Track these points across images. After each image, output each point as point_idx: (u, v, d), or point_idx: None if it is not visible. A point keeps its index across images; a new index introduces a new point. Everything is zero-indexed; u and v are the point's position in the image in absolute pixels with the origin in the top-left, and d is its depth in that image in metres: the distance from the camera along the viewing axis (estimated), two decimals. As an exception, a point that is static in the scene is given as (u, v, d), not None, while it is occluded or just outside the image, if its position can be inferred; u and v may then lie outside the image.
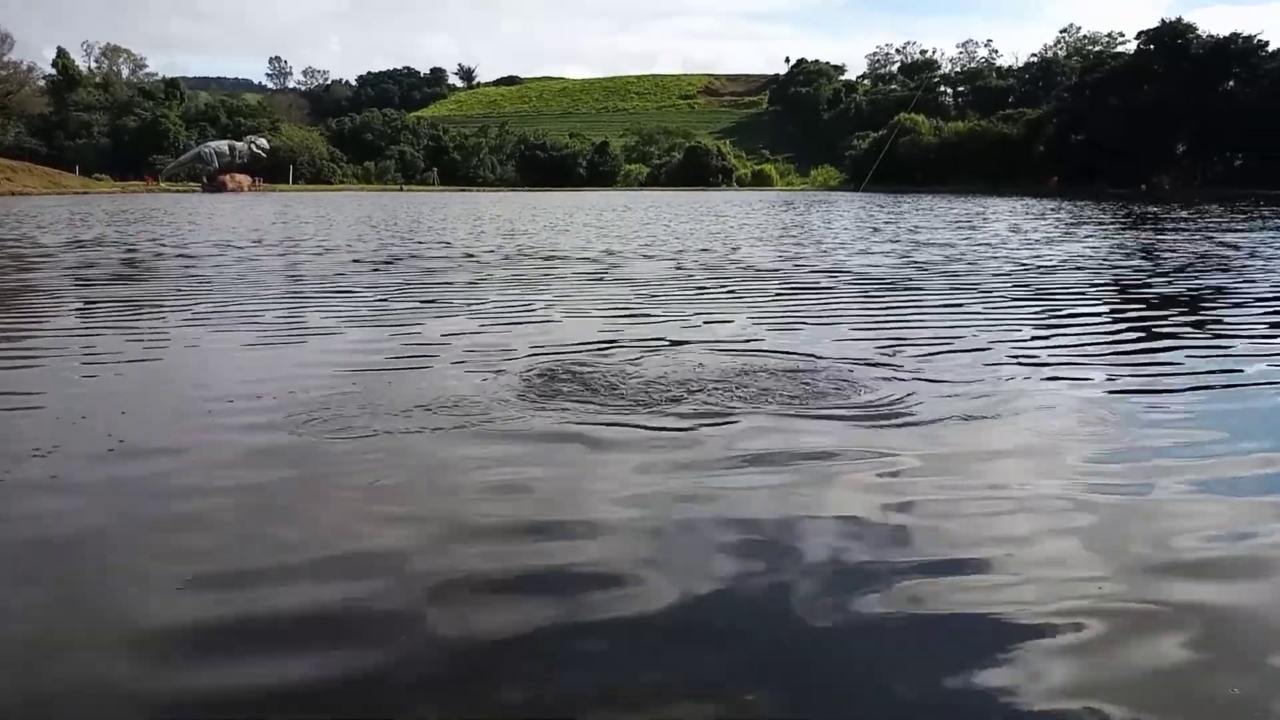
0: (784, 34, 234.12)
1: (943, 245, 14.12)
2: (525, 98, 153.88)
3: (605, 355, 5.01)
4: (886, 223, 21.97)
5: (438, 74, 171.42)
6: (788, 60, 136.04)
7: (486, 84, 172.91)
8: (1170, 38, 60.31)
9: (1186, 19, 61.59)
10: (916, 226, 19.94)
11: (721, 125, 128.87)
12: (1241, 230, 18.05)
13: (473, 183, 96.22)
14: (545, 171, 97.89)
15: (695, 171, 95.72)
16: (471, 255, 12.85)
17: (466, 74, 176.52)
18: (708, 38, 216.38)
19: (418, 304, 7.66)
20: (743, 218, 25.44)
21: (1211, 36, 59.59)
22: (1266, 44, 57.87)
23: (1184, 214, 25.53)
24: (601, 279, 9.68)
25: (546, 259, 12.13)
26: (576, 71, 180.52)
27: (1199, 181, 56.59)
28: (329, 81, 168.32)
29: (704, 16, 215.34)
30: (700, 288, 8.84)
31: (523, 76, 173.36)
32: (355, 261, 11.75)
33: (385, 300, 7.84)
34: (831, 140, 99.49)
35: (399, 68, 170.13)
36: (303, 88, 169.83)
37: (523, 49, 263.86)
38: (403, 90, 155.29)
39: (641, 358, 4.89)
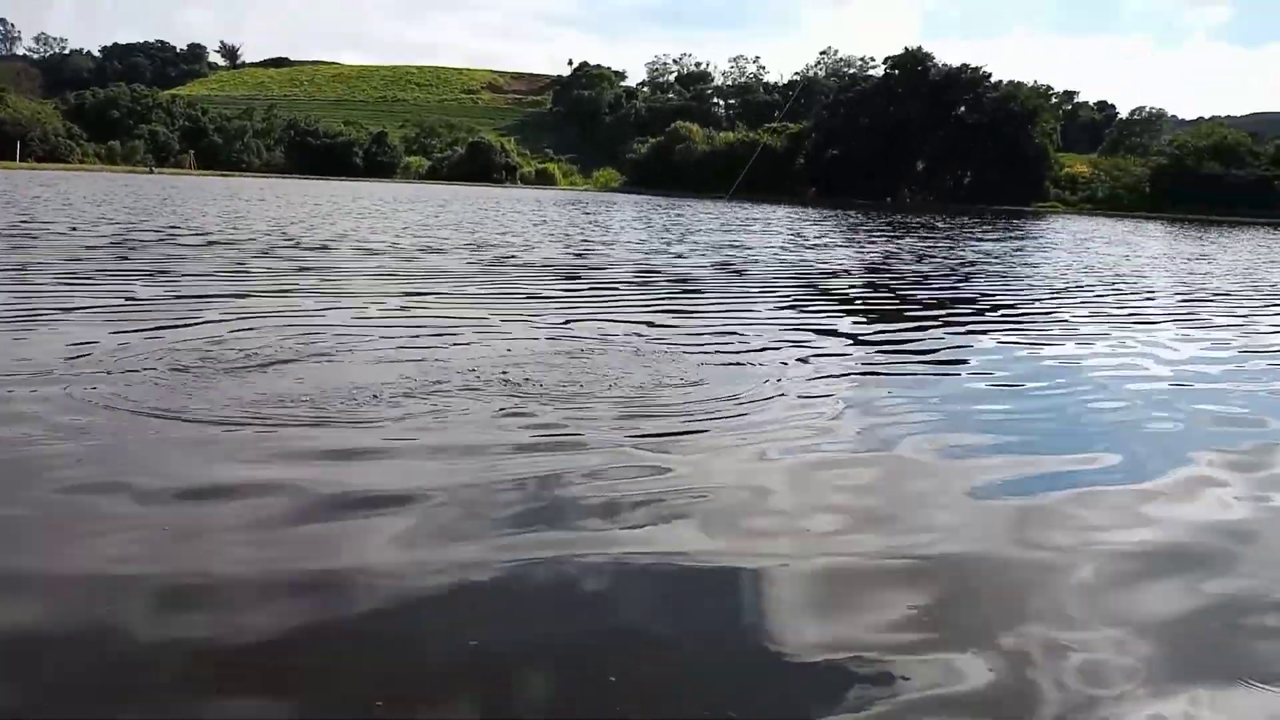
0: (568, 36, 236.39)
1: (733, 246, 14.92)
2: (296, 81, 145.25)
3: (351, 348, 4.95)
4: (674, 224, 22.86)
5: (196, 50, 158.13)
6: (570, 63, 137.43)
7: (252, 64, 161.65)
8: (913, 64, 66.80)
9: (927, 48, 68.55)
10: (703, 229, 20.89)
11: (505, 122, 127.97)
12: (993, 239, 20.40)
13: (235, 167, 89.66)
14: (318, 159, 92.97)
15: (478, 167, 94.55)
16: (223, 243, 12.13)
17: (230, 52, 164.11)
18: (493, 34, 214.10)
19: (162, 295, 7.17)
20: (535, 215, 25.52)
21: (946, 65, 66.63)
22: (990, 75, 65.60)
23: (940, 224, 28.44)
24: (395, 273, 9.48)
25: (322, 249, 11.61)
26: (353, 57, 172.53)
27: (934, 196, 62.98)
28: (67, 51, 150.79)
29: (490, 11, 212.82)
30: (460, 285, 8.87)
31: (293, 59, 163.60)
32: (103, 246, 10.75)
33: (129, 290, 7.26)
34: (612, 143, 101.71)
35: (151, 41, 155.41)
36: (35, 55, 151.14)
37: (293, 30, 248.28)
38: (155, 66, 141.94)
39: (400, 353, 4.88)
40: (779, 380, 4.25)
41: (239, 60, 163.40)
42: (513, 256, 10.98)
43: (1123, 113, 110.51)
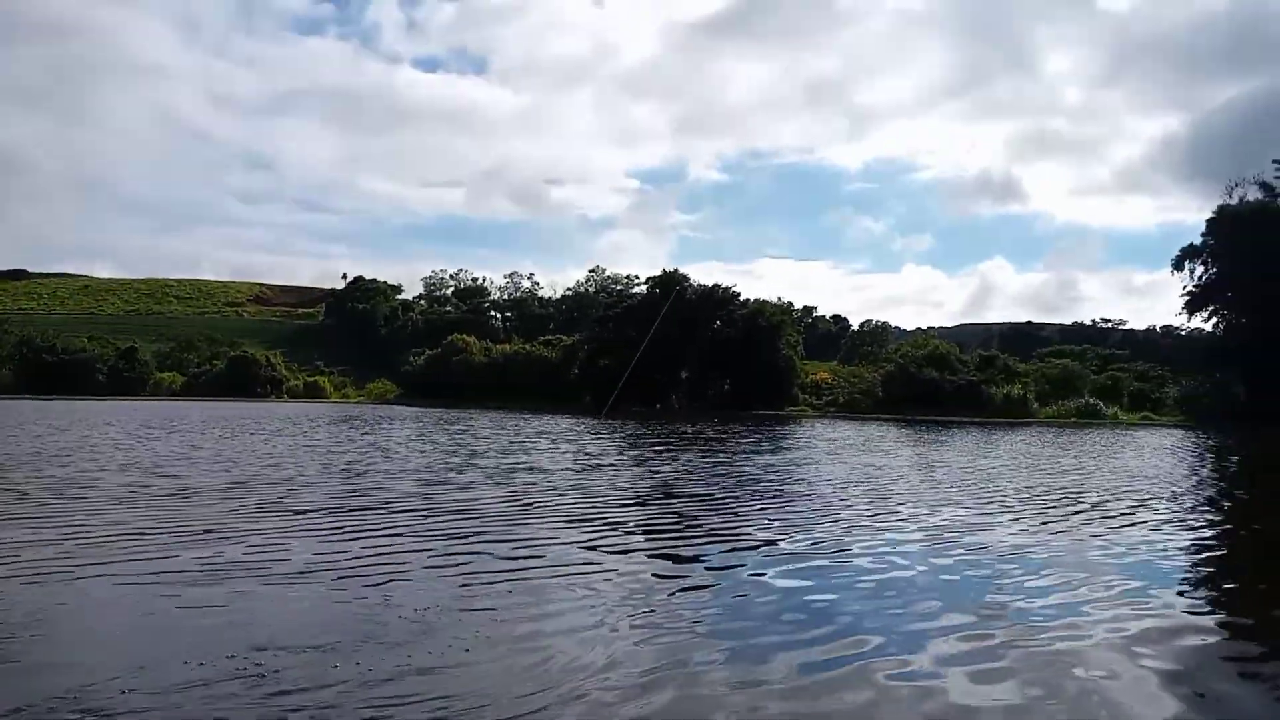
0: (341, 252, 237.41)
1: (528, 470, 15.10)
2: (35, 294, 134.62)
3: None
4: (458, 443, 22.75)
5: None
6: (345, 276, 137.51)
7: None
8: (671, 284, 72.82)
9: (684, 269, 75.20)
10: (498, 446, 20.96)
11: (272, 335, 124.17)
12: (768, 452, 21.90)
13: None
14: (54, 378, 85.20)
15: (240, 381, 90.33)
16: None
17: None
18: (260, 249, 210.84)
19: None
20: (301, 438, 24.52)
21: (701, 285, 73.22)
22: (739, 294, 72.71)
23: (712, 432, 30.19)
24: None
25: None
26: (104, 270, 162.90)
27: (700, 403, 67.13)
28: None
29: (257, 227, 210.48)
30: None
31: (33, 271, 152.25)
32: None
33: None
34: (387, 355, 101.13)
35: None
36: None
37: (36, 240, 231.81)
38: None
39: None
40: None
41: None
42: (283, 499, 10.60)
43: (854, 325, 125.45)
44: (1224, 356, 55.09)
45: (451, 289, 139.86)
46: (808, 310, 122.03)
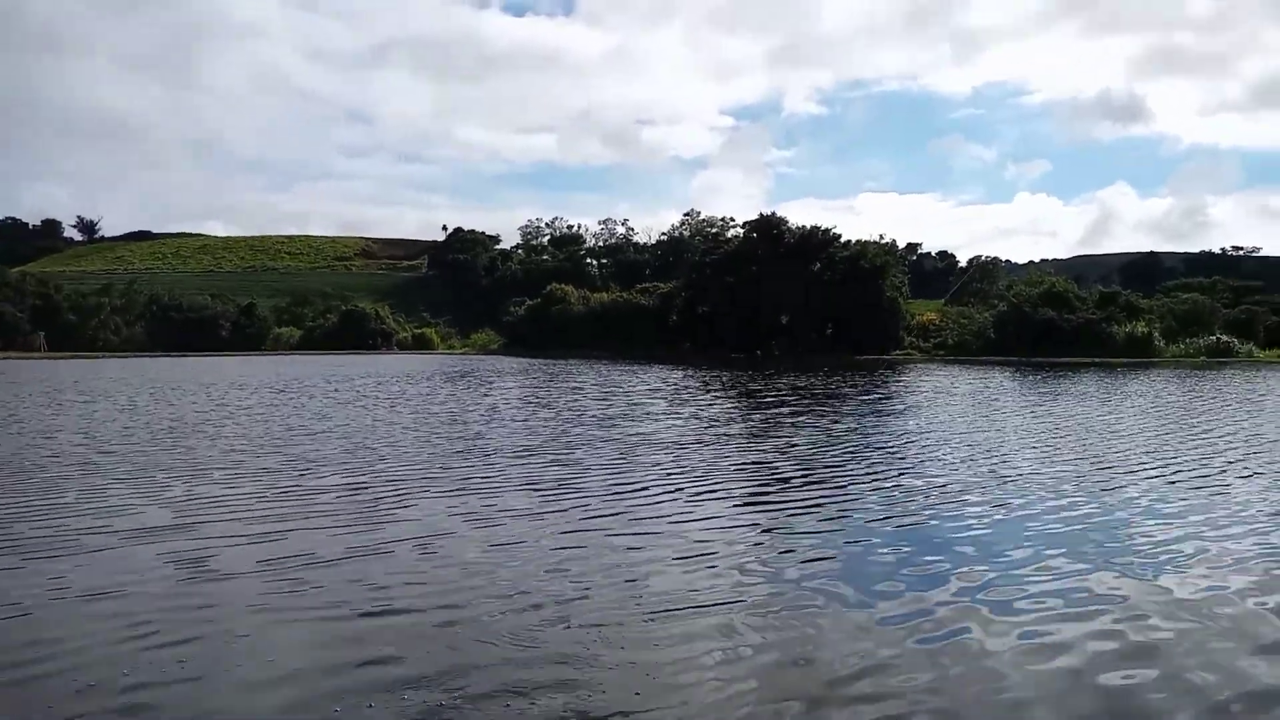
0: (440, 202, 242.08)
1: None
2: (159, 254, 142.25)
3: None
4: (581, 407, 23.00)
5: (51, 226, 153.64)
6: (445, 228, 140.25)
7: (112, 239, 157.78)
8: (767, 228, 71.40)
9: (781, 211, 73.55)
10: (629, 409, 21.08)
11: (380, 287, 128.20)
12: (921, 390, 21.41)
13: (92, 347, 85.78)
14: (182, 334, 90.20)
15: (354, 334, 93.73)
16: None
17: (88, 227, 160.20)
18: (364, 201, 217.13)
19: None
20: (431, 404, 25.16)
21: (801, 227, 71.52)
22: (840, 236, 70.73)
23: (827, 387, 29.74)
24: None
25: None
26: (218, 229, 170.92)
27: (801, 348, 66.13)
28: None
29: (359, 181, 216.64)
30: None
31: (156, 232, 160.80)
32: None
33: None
34: (489, 304, 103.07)
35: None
36: None
37: (155, 202, 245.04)
38: (4, 245, 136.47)
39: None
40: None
41: (97, 234, 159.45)
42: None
43: (962, 261, 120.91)
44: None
45: (548, 237, 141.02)
46: (911, 247, 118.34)
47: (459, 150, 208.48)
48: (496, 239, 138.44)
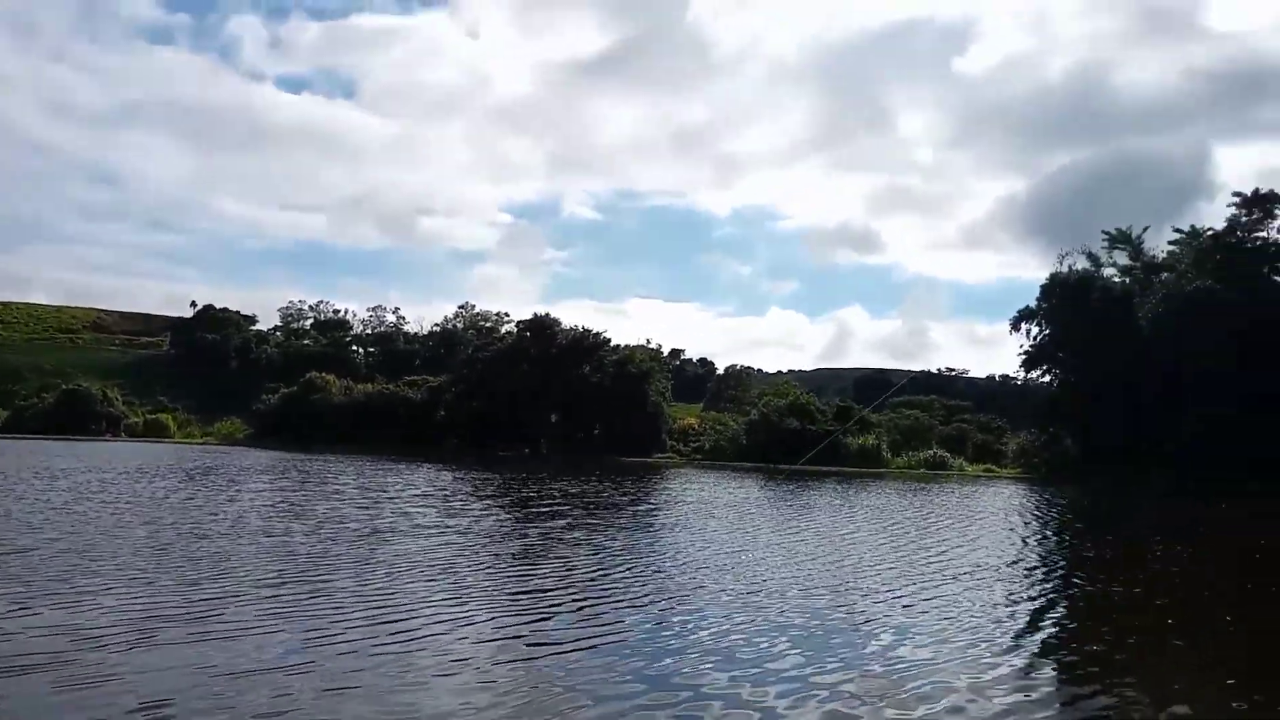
0: (190, 276, 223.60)
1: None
2: None
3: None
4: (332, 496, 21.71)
5: None
6: (194, 304, 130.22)
7: None
8: (540, 328, 72.70)
9: (556, 310, 75.25)
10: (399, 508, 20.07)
11: (111, 366, 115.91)
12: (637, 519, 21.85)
13: None
14: None
15: (75, 417, 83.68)
16: None
17: None
18: (100, 270, 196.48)
19: None
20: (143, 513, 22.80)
21: (574, 329, 73.38)
22: (610, 340, 73.33)
23: (589, 488, 30.00)
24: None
25: None
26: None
27: (570, 448, 66.99)
28: None
29: (98, 246, 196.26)
30: None
31: None
32: None
33: None
34: (240, 390, 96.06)
35: None
36: None
37: None
38: None
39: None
40: None
41: None
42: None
43: (720, 368, 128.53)
44: (1057, 412, 59.49)
45: (310, 320, 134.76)
46: (675, 353, 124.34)
47: (216, 222, 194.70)
48: (253, 319, 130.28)
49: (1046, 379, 63.44)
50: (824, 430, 61.32)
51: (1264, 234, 57.81)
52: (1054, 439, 59.69)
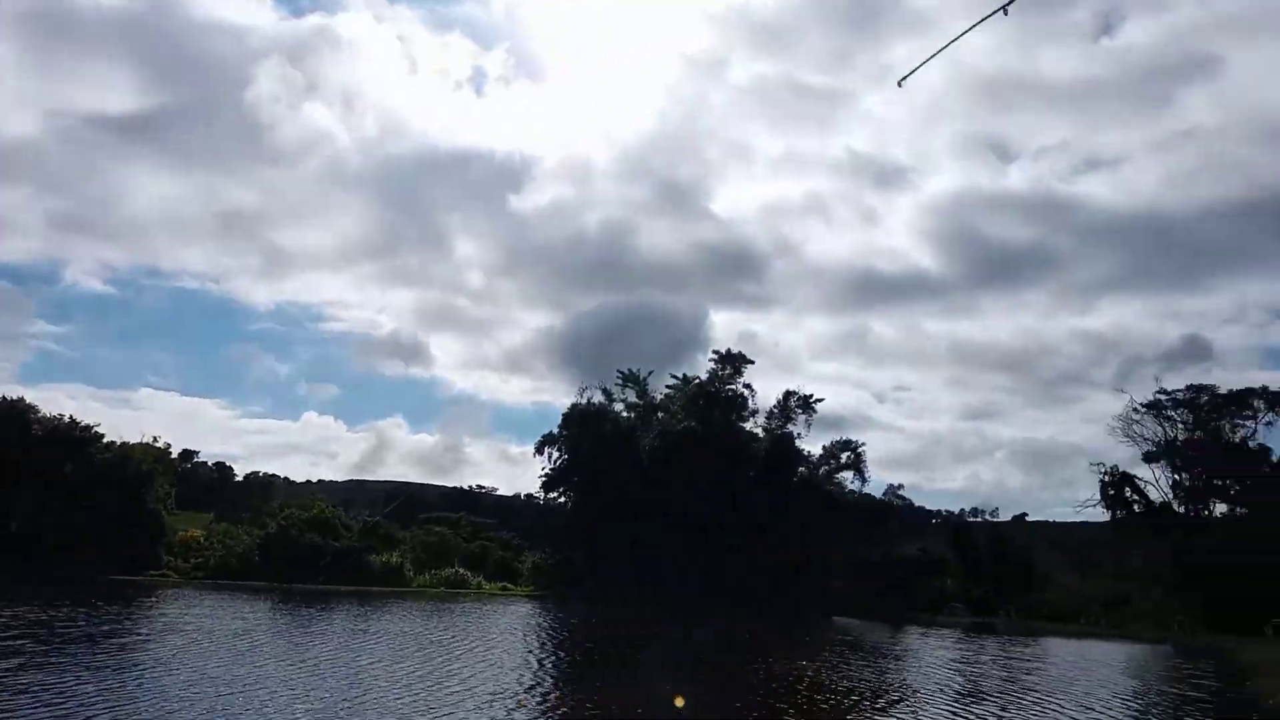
0: None
1: None
2: None
3: None
4: None
5: None
6: None
7: None
8: (12, 415, 60.60)
9: (39, 395, 63.19)
10: None
11: None
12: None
13: None
14: None
15: None
16: None
17: None
18: None
19: None
20: None
21: (56, 417, 62.09)
22: (103, 435, 63.19)
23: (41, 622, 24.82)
24: None
25: None
26: None
27: (41, 564, 55.44)
28: None
29: None
30: None
31: None
32: None
33: None
34: None
35: None
36: None
37: None
38: None
39: None
40: None
41: None
42: None
43: (239, 475, 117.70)
44: (572, 532, 64.61)
45: None
46: (188, 454, 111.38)
47: None
48: None
49: (563, 500, 68.80)
50: (348, 546, 59.20)
51: (734, 387, 70.29)
52: (567, 559, 64.42)
